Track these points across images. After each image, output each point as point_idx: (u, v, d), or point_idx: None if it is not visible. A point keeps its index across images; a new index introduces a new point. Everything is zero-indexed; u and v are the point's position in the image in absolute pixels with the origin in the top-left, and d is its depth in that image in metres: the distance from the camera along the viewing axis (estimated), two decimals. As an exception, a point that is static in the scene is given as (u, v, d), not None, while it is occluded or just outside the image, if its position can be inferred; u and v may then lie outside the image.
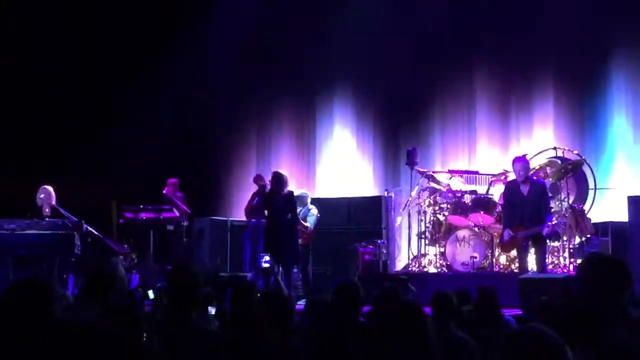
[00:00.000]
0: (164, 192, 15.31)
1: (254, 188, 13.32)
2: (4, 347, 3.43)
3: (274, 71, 17.90)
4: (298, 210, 13.73)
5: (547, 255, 12.19)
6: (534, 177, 12.24)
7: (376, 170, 17.19)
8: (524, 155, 12.55)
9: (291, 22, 17.71)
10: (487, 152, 16.36)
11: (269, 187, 12.81)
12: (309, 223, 13.99)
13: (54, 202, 12.58)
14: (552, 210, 12.39)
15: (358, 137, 17.60)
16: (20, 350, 3.00)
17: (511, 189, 11.98)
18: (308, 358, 4.72)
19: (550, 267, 12.48)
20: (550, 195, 12.29)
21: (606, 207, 14.34)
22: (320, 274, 14.44)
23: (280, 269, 12.84)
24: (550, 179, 13.24)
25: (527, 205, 11.61)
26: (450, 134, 16.77)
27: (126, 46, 16.92)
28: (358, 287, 5.81)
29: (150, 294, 8.84)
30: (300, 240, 13.17)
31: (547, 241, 12.08)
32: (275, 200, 12.60)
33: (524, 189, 11.66)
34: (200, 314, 5.94)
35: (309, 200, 14.35)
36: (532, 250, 11.90)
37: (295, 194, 13.75)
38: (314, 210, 14.17)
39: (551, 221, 11.60)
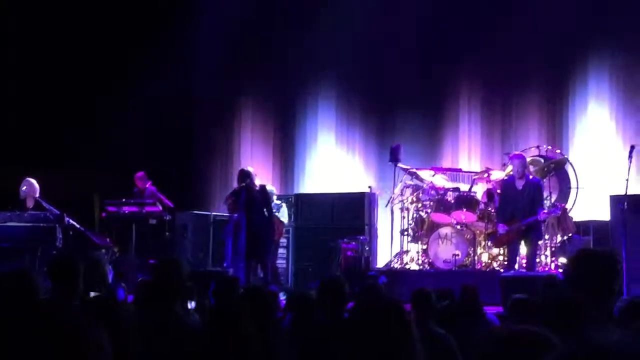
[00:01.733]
0: (140, 186, 15.25)
1: (234, 183, 13.32)
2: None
3: (258, 67, 17.89)
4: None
5: (538, 254, 12.31)
6: (530, 176, 12.35)
7: (359, 167, 17.20)
8: (522, 153, 12.76)
9: (275, 19, 17.72)
10: (471, 149, 16.40)
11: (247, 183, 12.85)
12: (284, 218, 14.09)
13: (37, 195, 12.54)
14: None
15: (341, 133, 17.60)
16: (4, 342, 2.98)
17: (506, 184, 12.23)
18: (290, 354, 4.73)
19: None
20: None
21: (587, 206, 14.38)
22: (302, 270, 14.46)
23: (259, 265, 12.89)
24: (533, 178, 13.32)
25: (520, 200, 11.89)
26: (434, 132, 16.80)
27: (109, 41, 16.86)
28: (343, 283, 5.82)
29: None
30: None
31: (539, 241, 12.21)
32: (252, 196, 12.66)
33: (519, 185, 11.92)
34: (182, 308, 5.93)
35: (274, 197, 14.37)
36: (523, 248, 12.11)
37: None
38: (284, 206, 14.27)
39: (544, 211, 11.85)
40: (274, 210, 13.84)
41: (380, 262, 14.84)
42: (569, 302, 3.49)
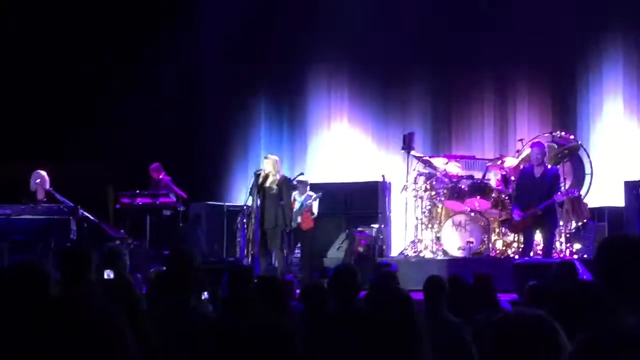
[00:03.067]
0: (155, 178, 15.30)
1: (248, 172, 13.34)
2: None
3: (268, 54, 17.86)
4: (302, 197, 13.83)
5: (555, 240, 12.28)
6: (548, 165, 12.29)
7: (373, 156, 17.16)
8: (540, 140, 12.73)
9: (283, 5, 17.70)
10: (485, 137, 16.37)
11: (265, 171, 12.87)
12: (315, 209, 14.12)
13: (47, 187, 12.56)
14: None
15: (354, 122, 17.57)
16: (16, 334, 2.98)
17: (524, 172, 12.24)
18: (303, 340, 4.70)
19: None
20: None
21: (602, 192, 14.32)
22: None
23: (273, 254, 12.90)
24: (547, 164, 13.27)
25: (537, 187, 11.88)
26: (446, 119, 16.77)
27: (121, 29, 16.86)
28: (355, 272, 5.80)
29: None
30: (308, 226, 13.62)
31: (555, 229, 12.18)
32: (268, 185, 12.70)
33: (537, 172, 11.91)
34: (196, 298, 5.93)
35: (308, 187, 14.36)
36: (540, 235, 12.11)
37: (300, 179, 13.89)
38: (316, 198, 14.23)
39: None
40: (309, 201, 13.88)
41: (394, 251, 14.81)
42: (587, 289, 3.45)
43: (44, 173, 12.66)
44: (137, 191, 14.78)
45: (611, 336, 1.69)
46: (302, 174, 14.53)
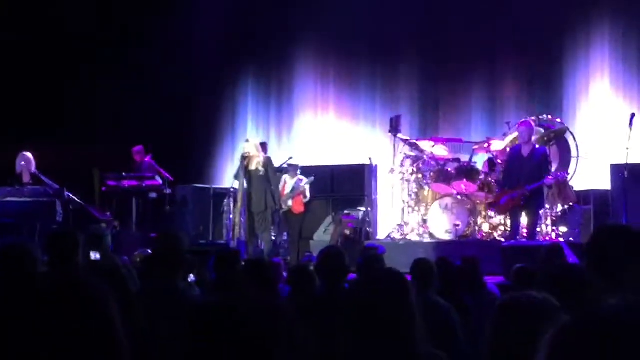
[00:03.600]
0: (137, 160, 15.28)
1: (235, 155, 13.32)
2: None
3: (256, 39, 17.83)
4: (293, 180, 13.84)
5: (539, 223, 12.30)
6: (537, 145, 12.31)
7: (359, 138, 17.16)
8: (529, 120, 12.72)
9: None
10: (472, 120, 16.38)
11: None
12: (308, 193, 14.15)
13: (33, 169, 12.51)
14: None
15: (340, 104, 17.55)
16: (4, 316, 2.97)
17: (513, 151, 12.28)
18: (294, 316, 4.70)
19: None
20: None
21: (588, 175, 14.35)
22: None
23: (260, 237, 12.89)
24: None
25: (526, 166, 11.90)
26: (434, 102, 16.78)
27: (106, 11, 16.79)
28: (342, 255, 5.80)
29: None
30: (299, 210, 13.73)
31: (540, 210, 12.19)
32: (254, 168, 12.69)
33: (525, 151, 11.94)
34: (183, 281, 5.92)
35: (299, 171, 14.37)
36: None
37: (291, 163, 13.89)
38: (305, 180, 14.23)
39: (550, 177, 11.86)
40: (302, 184, 13.89)
41: (381, 234, 14.83)
42: (573, 271, 3.46)
43: (29, 155, 12.60)
44: (124, 174, 14.74)
45: (593, 319, 1.69)
46: (291, 157, 14.53)
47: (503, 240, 12.38)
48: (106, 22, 16.77)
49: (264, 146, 14.81)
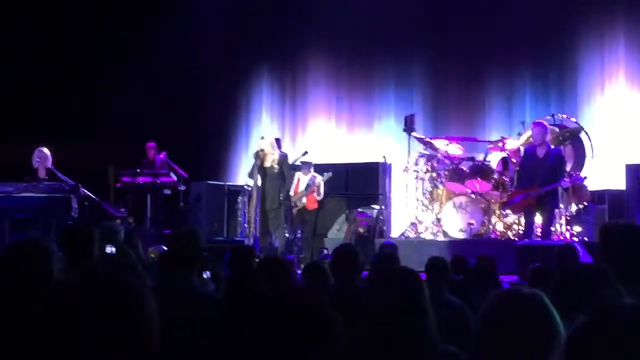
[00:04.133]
0: (150, 157, 15.30)
1: (249, 153, 13.34)
2: (3, 307, 3.44)
3: (270, 36, 17.85)
4: (307, 177, 13.85)
5: (553, 222, 12.26)
6: (551, 145, 12.26)
7: (373, 136, 17.16)
8: (542, 121, 12.69)
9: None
10: (487, 118, 16.36)
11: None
12: (322, 190, 14.14)
13: (49, 165, 12.55)
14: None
15: (353, 102, 17.55)
16: (20, 311, 3.00)
17: (527, 152, 12.22)
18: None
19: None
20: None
21: (603, 175, 14.31)
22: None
23: (273, 234, 12.90)
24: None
25: (540, 167, 11.82)
26: (448, 101, 16.76)
27: (116, 10, 16.84)
28: (357, 253, 5.81)
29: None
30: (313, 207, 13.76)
31: (556, 209, 12.15)
32: (268, 165, 12.70)
33: (540, 152, 11.89)
34: (198, 278, 5.95)
35: (312, 168, 14.35)
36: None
37: (304, 160, 13.89)
38: (319, 177, 14.20)
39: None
40: (316, 180, 13.89)
41: (395, 232, 14.83)
42: (589, 270, 3.47)
43: (46, 151, 12.64)
44: (138, 170, 14.78)
45: (610, 317, 1.70)
46: (306, 152, 14.52)
47: (517, 239, 12.36)
48: (119, 20, 16.80)
49: (278, 142, 14.85)
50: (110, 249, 6.45)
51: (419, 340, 3.41)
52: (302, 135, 17.53)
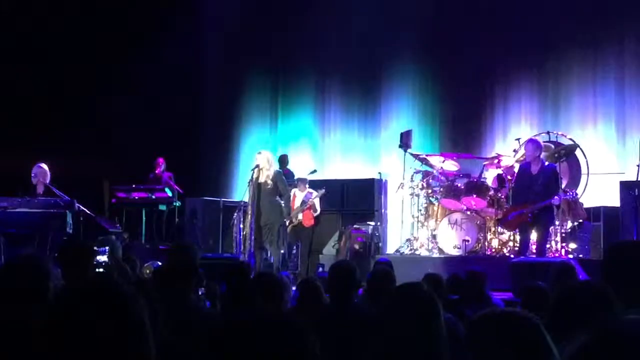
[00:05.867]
0: (158, 172, 15.32)
1: (245, 169, 13.32)
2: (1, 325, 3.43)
3: (265, 52, 17.90)
4: (302, 193, 13.85)
5: (548, 239, 12.26)
6: (546, 162, 12.26)
7: (369, 153, 17.17)
8: (537, 137, 12.71)
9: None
10: (482, 136, 16.38)
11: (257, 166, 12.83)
12: (318, 206, 14.14)
13: (48, 181, 12.54)
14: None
15: (350, 117, 17.57)
16: (18, 329, 2.99)
17: (522, 169, 12.19)
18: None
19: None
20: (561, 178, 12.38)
21: (598, 192, 14.32)
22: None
23: (269, 251, 12.88)
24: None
25: (535, 183, 11.81)
26: (444, 117, 16.79)
27: (116, 26, 16.86)
28: (354, 269, 5.79)
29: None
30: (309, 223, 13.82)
31: (550, 227, 12.15)
32: (262, 181, 12.69)
33: (534, 169, 11.87)
34: (194, 294, 5.94)
35: (306, 185, 14.36)
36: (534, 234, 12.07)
37: (300, 177, 13.91)
38: (315, 193, 14.21)
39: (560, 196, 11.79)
40: (311, 198, 13.89)
41: (390, 248, 14.83)
42: (587, 289, 3.46)
43: (45, 167, 12.62)
44: (133, 185, 14.78)
45: (613, 334, 1.69)
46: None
47: (512, 256, 12.35)
48: (119, 32, 16.82)
49: (284, 158, 14.88)
50: (102, 258, 6.45)
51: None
52: (294, 153, 17.45)
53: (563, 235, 12.80)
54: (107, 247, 7.25)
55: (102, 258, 7.02)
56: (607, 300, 3.27)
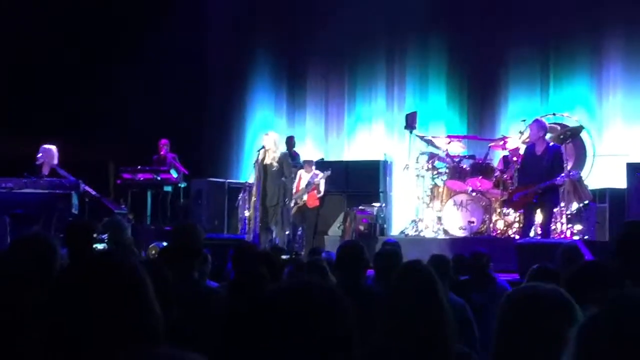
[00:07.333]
0: (162, 153, 15.32)
1: (251, 150, 13.31)
2: (7, 304, 3.42)
3: (271, 33, 17.86)
4: (308, 175, 13.86)
5: (552, 220, 12.23)
6: (550, 143, 12.19)
7: (374, 134, 17.14)
8: (540, 118, 12.66)
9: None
10: (489, 117, 16.35)
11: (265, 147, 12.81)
12: (322, 187, 14.16)
13: (54, 162, 12.54)
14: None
15: (355, 99, 17.53)
16: (24, 308, 2.98)
17: (527, 149, 12.17)
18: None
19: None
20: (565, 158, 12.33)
21: (604, 174, 14.30)
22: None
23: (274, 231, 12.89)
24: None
25: (539, 164, 11.76)
26: (449, 98, 16.76)
27: (120, 13, 16.81)
28: (362, 249, 5.78)
29: None
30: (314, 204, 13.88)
31: (555, 208, 12.12)
32: (267, 162, 12.70)
33: (538, 149, 11.81)
34: (199, 274, 5.94)
35: (313, 167, 14.38)
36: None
37: (306, 159, 13.92)
38: (320, 174, 14.22)
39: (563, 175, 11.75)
40: (316, 179, 13.91)
41: (395, 230, 14.83)
42: (595, 268, 3.45)
43: (53, 149, 12.62)
44: (139, 167, 14.77)
45: (625, 304, 1.68)
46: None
47: (517, 237, 12.33)
48: (117, 20, 16.77)
49: (290, 140, 14.86)
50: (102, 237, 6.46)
51: (439, 342, 3.45)
52: (300, 134, 17.43)
53: (568, 216, 12.78)
54: (106, 235, 7.22)
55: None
56: (619, 277, 3.26)
